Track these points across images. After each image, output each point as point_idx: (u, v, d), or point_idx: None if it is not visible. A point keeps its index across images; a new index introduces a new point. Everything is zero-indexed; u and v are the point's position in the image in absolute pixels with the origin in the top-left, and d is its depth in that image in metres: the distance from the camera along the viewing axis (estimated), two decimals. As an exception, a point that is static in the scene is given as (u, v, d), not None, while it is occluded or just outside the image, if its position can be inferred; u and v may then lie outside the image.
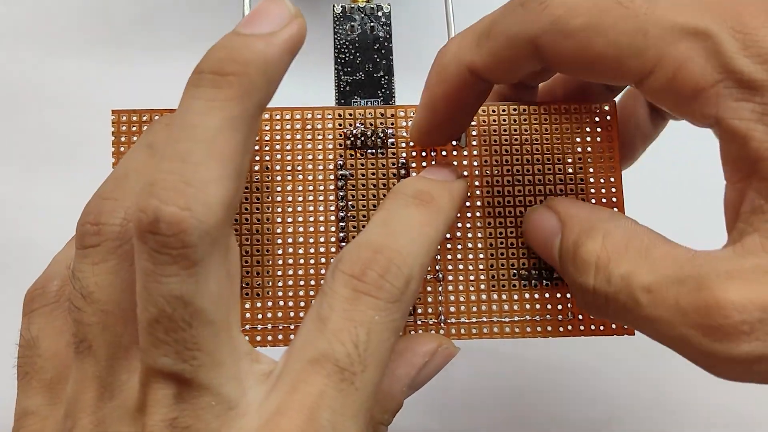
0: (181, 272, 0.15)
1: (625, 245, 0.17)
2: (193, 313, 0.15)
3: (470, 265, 0.21)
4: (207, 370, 0.15)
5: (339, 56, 0.23)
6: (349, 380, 0.15)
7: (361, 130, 0.22)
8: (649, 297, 0.16)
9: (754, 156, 0.16)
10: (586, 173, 0.22)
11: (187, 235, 0.15)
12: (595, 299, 0.17)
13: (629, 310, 0.16)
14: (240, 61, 0.16)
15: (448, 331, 0.21)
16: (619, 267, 0.17)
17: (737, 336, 0.15)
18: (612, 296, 0.17)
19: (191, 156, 0.15)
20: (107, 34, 0.33)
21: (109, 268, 0.17)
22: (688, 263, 0.16)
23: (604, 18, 0.17)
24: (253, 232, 0.21)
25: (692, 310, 0.15)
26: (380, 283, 0.16)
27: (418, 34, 0.31)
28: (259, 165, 0.21)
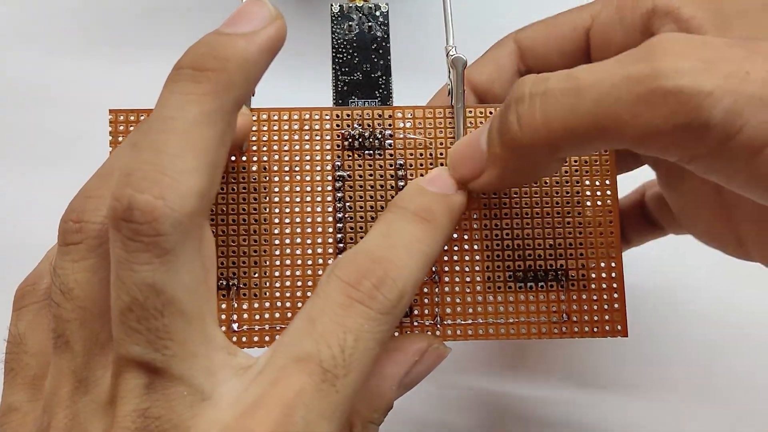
0: (154, 260, 0.15)
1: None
2: (165, 302, 0.15)
3: (466, 266, 0.21)
4: (179, 361, 0.15)
5: (336, 56, 0.23)
6: (331, 382, 0.16)
7: (358, 131, 0.22)
8: (592, 74, 0.17)
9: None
10: (581, 174, 0.22)
11: (159, 224, 0.15)
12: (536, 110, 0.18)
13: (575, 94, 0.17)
14: (219, 57, 0.16)
15: (444, 333, 0.21)
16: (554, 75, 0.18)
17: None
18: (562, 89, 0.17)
19: (167, 147, 0.15)
20: (106, 33, 0.33)
21: (88, 266, 0.17)
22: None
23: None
24: (250, 233, 0.21)
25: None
26: (374, 293, 0.17)
27: (417, 34, 0.31)
28: (256, 166, 0.21)
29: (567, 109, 0.17)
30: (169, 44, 0.35)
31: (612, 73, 0.16)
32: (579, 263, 0.21)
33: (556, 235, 0.22)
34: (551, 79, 0.17)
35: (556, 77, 0.17)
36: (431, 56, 0.22)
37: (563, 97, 0.17)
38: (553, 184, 0.22)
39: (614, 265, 0.21)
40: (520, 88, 0.18)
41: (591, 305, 0.21)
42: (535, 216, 0.22)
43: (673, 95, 0.15)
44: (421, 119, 0.22)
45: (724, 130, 0.15)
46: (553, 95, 0.17)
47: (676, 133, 0.16)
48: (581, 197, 0.22)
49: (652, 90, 0.15)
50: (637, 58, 0.16)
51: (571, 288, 0.21)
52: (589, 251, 0.21)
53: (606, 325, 0.21)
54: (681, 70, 0.15)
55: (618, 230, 0.22)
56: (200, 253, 0.16)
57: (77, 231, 0.17)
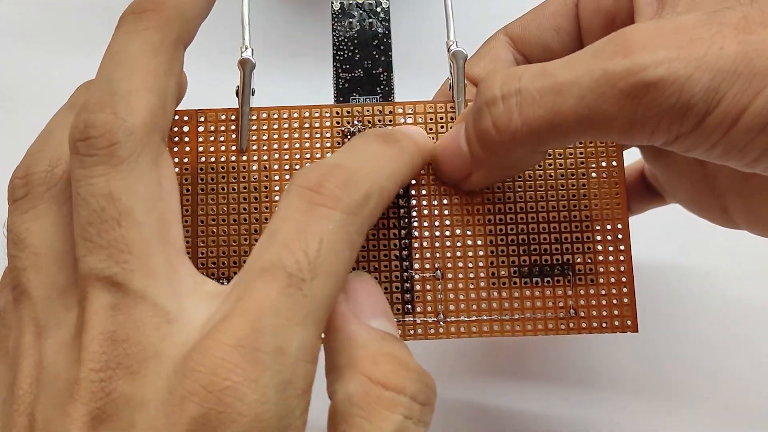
0: (110, 170, 0.16)
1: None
2: (122, 211, 0.16)
3: (470, 262, 0.21)
4: (140, 276, 0.15)
5: (337, 53, 0.23)
6: (297, 286, 0.15)
7: (359, 127, 0.22)
8: (564, 66, 0.17)
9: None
10: (587, 167, 0.21)
11: (112, 134, 0.16)
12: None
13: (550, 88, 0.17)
14: (156, 1, 0.18)
15: (447, 330, 0.21)
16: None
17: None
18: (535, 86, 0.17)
19: (115, 74, 0.17)
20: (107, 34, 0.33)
21: (38, 212, 0.17)
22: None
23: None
24: (251, 232, 0.21)
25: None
26: (337, 194, 0.16)
27: (418, 30, 0.31)
28: (257, 165, 0.21)
29: (548, 109, 0.17)
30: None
31: (591, 70, 0.17)
32: (586, 257, 0.21)
33: (562, 228, 0.21)
34: (524, 77, 0.18)
35: (529, 74, 0.18)
36: (433, 52, 0.22)
37: (542, 96, 0.17)
38: (558, 177, 0.21)
39: (623, 258, 0.21)
40: (490, 90, 0.18)
41: (599, 300, 0.21)
42: (540, 209, 0.21)
43: (654, 86, 0.16)
44: (422, 114, 0.22)
45: (704, 107, 0.16)
46: (530, 95, 0.17)
47: (661, 118, 0.16)
48: (587, 189, 0.21)
49: (634, 84, 0.16)
50: (613, 51, 0.16)
51: (578, 282, 0.21)
52: (596, 244, 0.21)
53: (615, 320, 0.21)
54: (658, 60, 0.16)
55: (627, 223, 0.21)
56: (157, 168, 0.17)
57: (23, 186, 0.18)
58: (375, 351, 0.16)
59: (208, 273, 0.21)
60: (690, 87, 0.16)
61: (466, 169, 0.20)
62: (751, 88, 0.16)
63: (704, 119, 0.16)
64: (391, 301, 0.21)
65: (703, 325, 0.31)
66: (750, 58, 0.16)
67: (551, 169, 0.21)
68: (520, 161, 0.20)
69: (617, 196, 0.21)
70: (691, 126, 0.16)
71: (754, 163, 0.17)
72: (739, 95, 0.16)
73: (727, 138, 0.16)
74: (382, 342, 0.17)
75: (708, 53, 0.16)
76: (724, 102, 0.16)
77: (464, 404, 0.30)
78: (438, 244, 0.21)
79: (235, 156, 0.21)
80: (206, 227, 0.21)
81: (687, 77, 0.16)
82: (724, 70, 0.16)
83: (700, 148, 0.17)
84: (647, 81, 0.16)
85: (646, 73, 0.16)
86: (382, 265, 0.21)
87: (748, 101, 0.16)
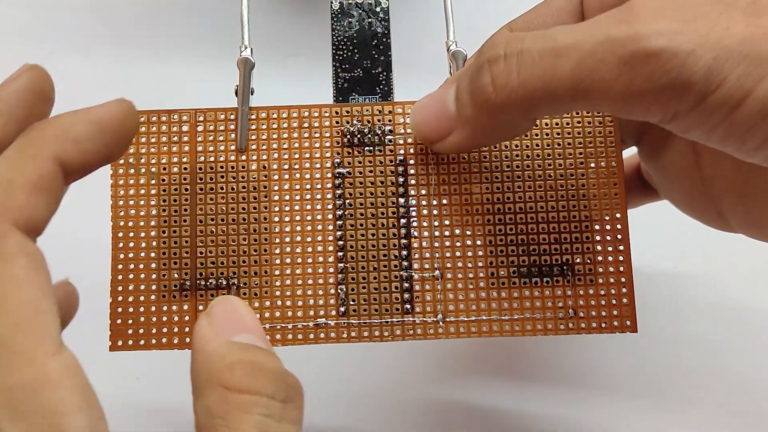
0: None
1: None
2: None
3: (469, 263, 0.21)
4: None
5: (337, 53, 0.23)
6: None
7: (358, 127, 0.22)
8: (570, 34, 0.17)
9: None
10: (587, 168, 0.21)
11: None
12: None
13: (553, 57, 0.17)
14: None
15: (447, 330, 0.21)
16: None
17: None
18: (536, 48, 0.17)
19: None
20: (108, 34, 0.33)
21: None
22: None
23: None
24: (250, 232, 0.21)
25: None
26: None
27: (417, 30, 0.31)
28: (256, 164, 0.21)
29: (547, 71, 0.17)
30: (170, 45, 0.35)
31: (593, 35, 0.16)
32: (585, 257, 0.21)
33: (561, 228, 0.21)
34: (527, 39, 0.17)
35: (532, 37, 0.17)
36: (432, 52, 0.22)
37: (542, 58, 0.17)
38: (557, 177, 0.21)
39: (622, 259, 0.21)
40: (494, 48, 0.18)
41: (598, 300, 0.21)
42: (540, 210, 0.21)
43: (655, 56, 0.15)
44: (422, 114, 0.22)
45: (705, 86, 0.15)
46: (530, 56, 0.17)
47: (659, 92, 0.16)
48: (587, 190, 0.21)
49: (634, 52, 0.16)
50: (618, 19, 0.16)
51: (578, 283, 0.21)
52: (595, 245, 0.21)
53: (614, 321, 0.21)
54: (661, 31, 0.15)
55: (626, 223, 0.21)
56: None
57: None
58: (230, 360, 0.16)
59: (207, 273, 0.21)
60: (692, 63, 0.15)
61: (446, 126, 0.19)
62: (757, 72, 0.15)
63: (705, 99, 0.16)
64: (391, 302, 0.21)
65: (702, 325, 0.31)
66: (757, 41, 0.15)
67: (551, 169, 0.21)
68: (506, 126, 0.19)
69: (616, 196, 0.21)
70: (690, 104, 0.16)
71: (755, 152, 0.17)
72: (743, 78, 0.15)
73: (729, 122, 0.16)
74: (239, 352, 0.16)
75: (713, 31, 0.15)
76: (726, 83, 0.15)
77: (463, 404, 0.30)
78: (437, 244, 0.21)
79: (234, 156, 0.21)
80: (205, 227, 0.21)
81: (689, 52, 0.15)
82: (729, 50, 0.15)
83: (699, 129, 0.17)
84: (648, 50, 0.15)
85: (647, 42, 0.15)
86: (382, 265, 0.21)
87: (752, 85, 0.15)
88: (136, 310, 0.21)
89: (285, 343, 0.21)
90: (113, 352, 0.21)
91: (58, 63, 0.35)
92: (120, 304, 0.21)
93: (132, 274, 0.21)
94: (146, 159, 0.21)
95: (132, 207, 0.21)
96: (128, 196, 0.21)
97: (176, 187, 0.21)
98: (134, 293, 0.21)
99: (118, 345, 0.20)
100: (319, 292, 0.21)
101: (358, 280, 0.21)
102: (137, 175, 0.21)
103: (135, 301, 0.21)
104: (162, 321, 0.21)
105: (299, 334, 0.21)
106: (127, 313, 0.21)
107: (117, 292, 0.21)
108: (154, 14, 0.35)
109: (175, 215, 0.21)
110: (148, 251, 0.21)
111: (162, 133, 0.21)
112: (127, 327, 0.20)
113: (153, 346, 0.20)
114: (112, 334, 0.20)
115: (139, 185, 0.21)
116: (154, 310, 0.21)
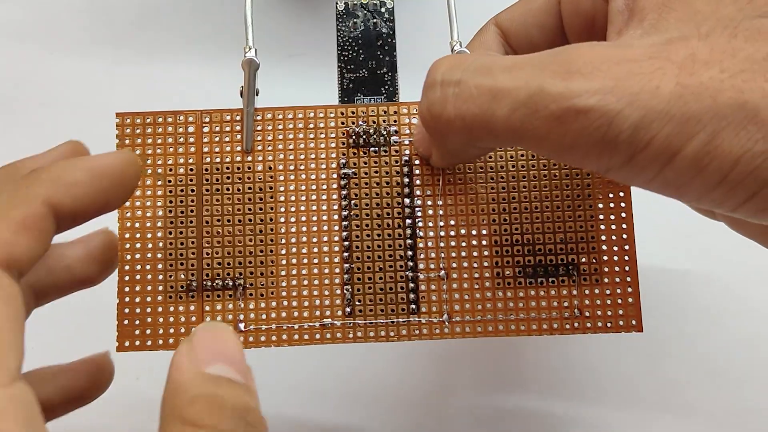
0: None
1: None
2: None
3: (475, 263, 0.21)
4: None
5: (342, 53, 0.23)
6: None
7: (363, 128, 0.22)
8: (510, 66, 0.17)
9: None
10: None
11: None
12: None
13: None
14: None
15: (453, 330, 0.21)
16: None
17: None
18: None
19: None
20: (110, 35, 0.33)
21: None
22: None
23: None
24: (256, 233, 0.21)
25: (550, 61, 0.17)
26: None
27: (422, 30, 0.31)
28: (261, 165, 0.21)
29: (482, 110, 0.17)
30: (170, 45, 0.35)
31: (529, 83, 0.16)
32: (591, 257, 0.21)
33: (567, 228, 0.21)
34: (468, 68, 0.17)
35: (474, 68, 0.17)
36: (437, 52, 0.22)
37: (479, 95, 0.17)
38: (563, 177, 0.21)
39: (627, 258, 0.21)
40: (432, 74, 0.18)
41: (604, 300, 0.21)
42: (545, 209, 0.21)
43: (584, 114, 0.15)
44: (427, 114, 0.22)
45: (633, 145, 0.15)
46: (468, 90, 0.17)
47: (589, 148, 0.16)
48: (592, 189, 0.21)
49: (565, 109, 0.16)
50: (555, 70, 0.16)
51: (583, 282, 0.21)
52: (601, 244, 0.21)
53: (620, 320, 0.21)
54: (592, 90, 0.15)
55: (631, 223, 0.21)
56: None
57: None
58: (194, 394, 0.16)
59: (213, 274, 0.21)
60: (619, 122, 0.15)
61: (428, 146, 0.20)
62: (684, 132, 0.15)
63: (634, 157, 0.16)
64: (397, 302, 0.21)
65: (707, 325, 0.31)
66: (685, 100, 0.15)
67: (556, 169, 0.21)
68: (459, 151, 0.19)
69: (622, 196, 0.21)
70: (620, 161, 0.16)
71: (696, 203, 0.17)
72: (671, 137, 0.15)
73: (662, 178, 0.16)
74: (205, 385, 0.16)
75: (643, 90, 0.15)
76: (654, 142, 0.15)
77: (463, 404, 0.30)
78: (443, 244, 0.21)
79: (240, 156, 0.21)
80: (211, 228, 0.21)
81: (617, 112, 0.15)
82: (656, 111, 0.15)
83: (635, 181, 0.17)
84: (578, 108, 0.16)
85: (578, 100, 0.16)
86: (387, 266, 0.21)
87: (680, 144, 0.15)
88: (143, 311, 0.21)
89: (291, 343, 0.21)
90: (117, 353, 0.21)
91: (60, 64, 0.35)
92: (127, 305, 0.21)
93: (138, 275, 0.21)
94: (152, 160, 0.21)
95: (138, 208, 0.21)
96: (134, 197, 0.21)
97: (182, 188, 0.21)
98: (141, 294, 0.21)
99: (125, 346, 0.21)
100: (325, 293, 0.21)
101: (363, 281, 0.21)
102: (143, 176, 0.21)
103: (141, 302, 0.21)
104: (168, 322, 0.21)
105: (305, 335, 0.21)
106: (133, 313, 0.21)
107: (124, 292, 0.21)
108: (159, 15, 0.35)
109: (182, 216, 0.21)
110: (154, 252, 0.21)
111: (168, 135, 0.21)
112: (133, 328, 0.21)
113: (159, 346, 0.21)
114: (119, 335, 0.21)
115: (146, 186, 0.21)
116: (161, 311, 0.21)
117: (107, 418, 0.22)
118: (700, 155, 0.15)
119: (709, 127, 0.15)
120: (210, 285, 0.21)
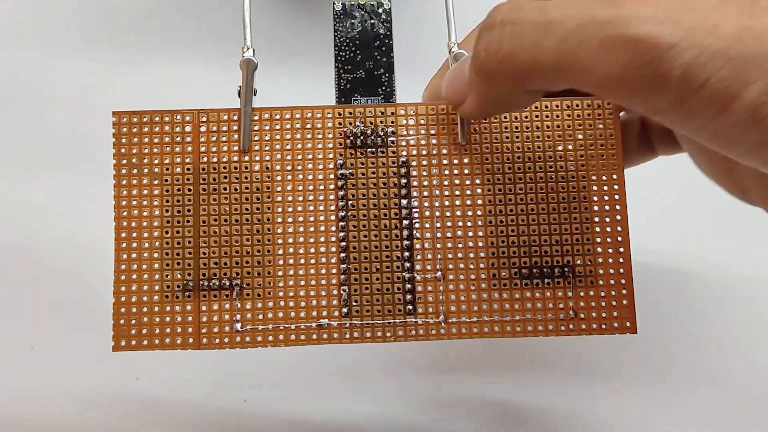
0: None
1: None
2: None
3: (471, 264, 0.21)
4: None
5: (339, 54, 0.23)
6: None
7: (361, 128, 0.22)
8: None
9: None
10: (588, 170, 0.22)
11: None
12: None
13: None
14: None
15: (449, 331, 0.21)
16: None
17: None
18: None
19: None
20: (108, 34, 0.33)
21: None
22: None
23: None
24: (253, 233, 0.21)
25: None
26: None
27: (419, 31, 0.31)
28: (259, 165, 0.21)
29: (534, 43, 0.16)
30: (168, 45, 0.35)
31: (580, 13, 0.16)
32: (586, 259, 0.21)
33: (563, 230, 0.21)
34: (525, 8, 0.17)
35: (530, 8, 0.17)
36: (434, 53, 0.22)
37: (532, 30, 0.16)
38: (558, 179, 0.21)
39: (622, 261, 0.21)
40: (493, 15, 0.18)
41: (599, 301, 0.21)
42: (541, 211, 0.21)
43: (633, 44, 0.14)
44: (424, 116, 0.22)
45: (685, 85, 0.14)
46: (523, 27, 0.17)
47: (636, 83, 0.15)
48: (587, 192, 0.21)
49: (613, 37, 0.15)
50: (605, 0, 0.15)
51: (579, 284, 0.21)
52: (596, 247, 0.21)
53: (614, 322, 0.21)
54: (643, 18, 0.14)
55: (627, 225, 0.21)
56: None
57: None
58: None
59: (210, 274, 0.21)
60: (671, 57, 0.14)
61: (463, 91, 0.20)
62: (742, 77, 0.14)
63: (685, 99, 0.15)
64: (393, 302, 0.21)
65: (702, 326, 0.31)
66: (744, 43, 0.14)
67: (552, 171, 0.21)
68: (505, 96, 0.19)
69: (617, 199, 0.21)
70: (670, 102, 0.15)
71: (746, 156, 0.16)
72: (728, 81, 0.14)
73: (714, 126, 0.15)
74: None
75: (700, 26, 0.14)
76: (710, 85, 0.14)
77: (463, 404, 0.30)
78: (439, 245, 0.21)
79: (237, 156, 0.21)
80: (208, 227, 0.21)
81: (670, 45, 0.14)
82: (713, 50, 0.14)
83: (684, 127, 0.16)
84: (627, 37, 0.14)
85: (628, 27, 0.14)
86: (384, 266, 0.21)
87: (737, 90, 0.14)
88: (139, 311, 0.21)
89: (288, 343, 0.21)
90: (113, 352, 0.21)
91: (58, 63, 0.35)
92: (123, 305, 0.21)
93: (135, 275, 0.21)
94: (149, 159, 0.21)
95: (135, 207, 0.21)
96: (131, 197, 0.21)
97: (179, 188, 0.21)
98: (137, 293, 0.21)
99: (121, 345, 0.21)
100: (322, 293, 0.21)
101: (360, 281, 0.21)
102: (140, 175, 0.21)
103: (138, 302, 0.21)
104: (165, 321, 0.21)
105: (302, 335, 0.21)
106: (130, 313, 0.21)
107: (120, 292, 0.21)
108: (157, 15, 0.35)
109: (178, 215, 0.21)
110: (151, 251, 0.21)
111: (165, 134, 0.21)
112: (130, 327, 0.21)
113: (156, 346, 0.21)
114: (115, 335, 0.21)
115: (142, 185, 0.21)
116: (157, 311, 0.21)
117: (107, 418, 0.22)
118: (758, 104, 0.14)
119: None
120: (207, 285, 0.21)
